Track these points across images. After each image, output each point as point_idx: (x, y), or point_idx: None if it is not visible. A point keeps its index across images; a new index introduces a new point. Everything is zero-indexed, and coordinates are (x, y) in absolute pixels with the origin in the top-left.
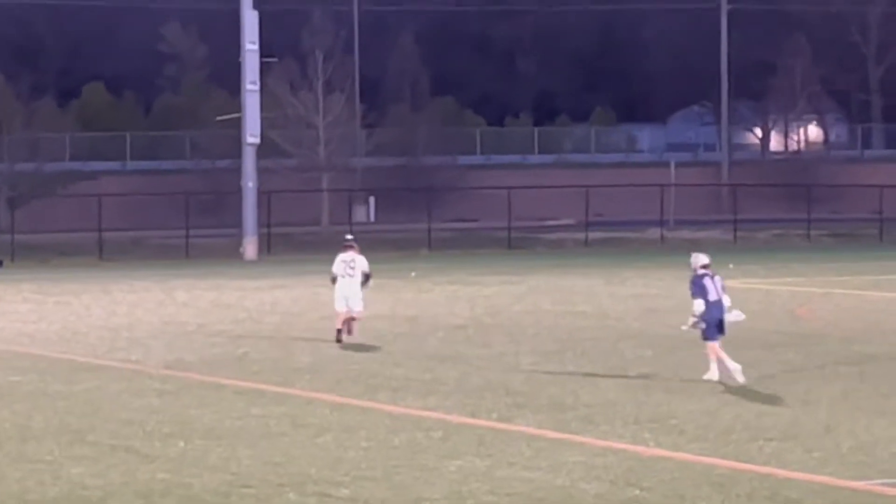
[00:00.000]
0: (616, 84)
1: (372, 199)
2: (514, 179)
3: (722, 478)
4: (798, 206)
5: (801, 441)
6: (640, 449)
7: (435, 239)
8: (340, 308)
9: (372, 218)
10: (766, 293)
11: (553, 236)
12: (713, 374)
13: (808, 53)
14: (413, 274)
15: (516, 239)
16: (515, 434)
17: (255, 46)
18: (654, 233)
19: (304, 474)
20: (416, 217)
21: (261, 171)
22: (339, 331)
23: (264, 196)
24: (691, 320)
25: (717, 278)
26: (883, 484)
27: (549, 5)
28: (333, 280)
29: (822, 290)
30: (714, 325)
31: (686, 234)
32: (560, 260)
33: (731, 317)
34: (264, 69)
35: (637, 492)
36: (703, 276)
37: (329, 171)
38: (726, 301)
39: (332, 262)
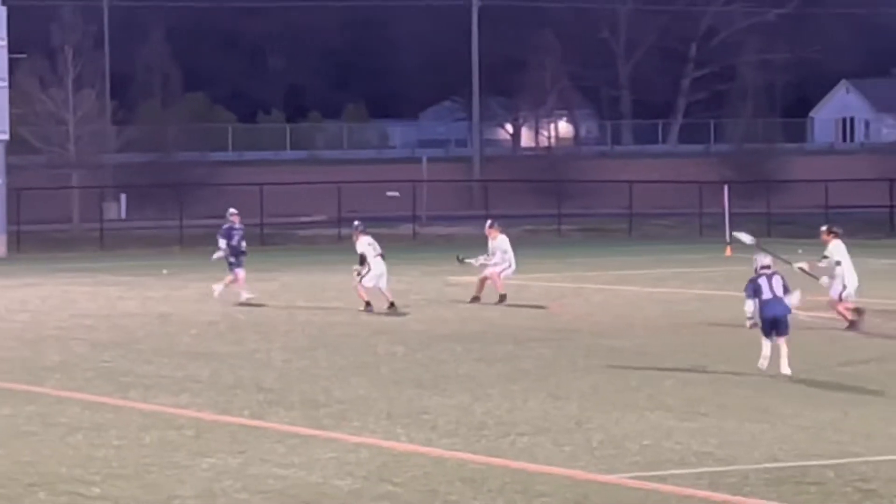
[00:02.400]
0: (368, 80)
1: (123, 196)
2: (267, 176)
3: (474, 473)
4: (549, 201)
5: (553, 435)
6: (392, 444)
7: (187, 236)
8: (372, 284)
9: (123, 215)
10: (517, 288)
11: (306, 233)
12: (764, 359)
13: (558, 50)
14: (165, 271)
15: (269, 235)
16: (268, 431)
17: (4, 42)
18: (406, 229)
19: (54, 473)
20: (168, 214)
21: (10, 168)
22: (368, 303)
23: (14, 193)
24: (748, 322)
25: (776, 278)
26: (632, 477)
27: (300, 1)
28: (362, 261)
29: (573, 285)
30: (768, 322)
31: (439, 229)
32: (313, 256)
33: (792, 299)
34: (13, 65)
35: (390, 487)
36: (759, 276)
37: (79, 168)
38: (791, 299)
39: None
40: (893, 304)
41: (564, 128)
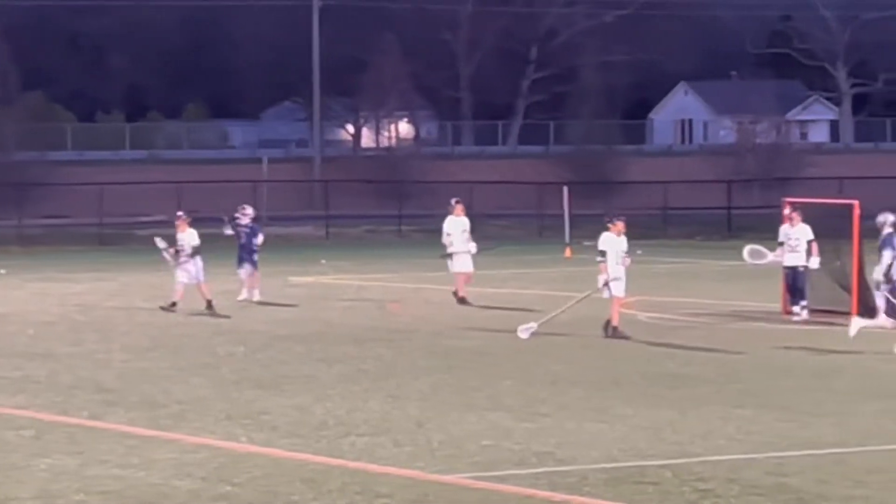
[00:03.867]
0: (208, 80)
1: None
2: (106, 175)
3: (314, 473)
4: (389, 202)
5: (392, 436)
6: (232, 445)
7: (25, 235)
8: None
9: None
10: (357, 288)
11: (146, 233)
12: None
13: (398, 50)
14: (2, 271)
15: (108, 235)
16: (107, 432)
17: None
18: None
19: None
20: (6, 214)
21: None
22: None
23: None
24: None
25: None
26: (472, 477)
27: None
28: (197, 252)
29: (413, 286)
30: None
31: (279, 230)
32: (152, 257)
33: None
34: None
35: (229, 488)
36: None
37: None
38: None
39: None
40: (730, 305)
41: (405, 128)
